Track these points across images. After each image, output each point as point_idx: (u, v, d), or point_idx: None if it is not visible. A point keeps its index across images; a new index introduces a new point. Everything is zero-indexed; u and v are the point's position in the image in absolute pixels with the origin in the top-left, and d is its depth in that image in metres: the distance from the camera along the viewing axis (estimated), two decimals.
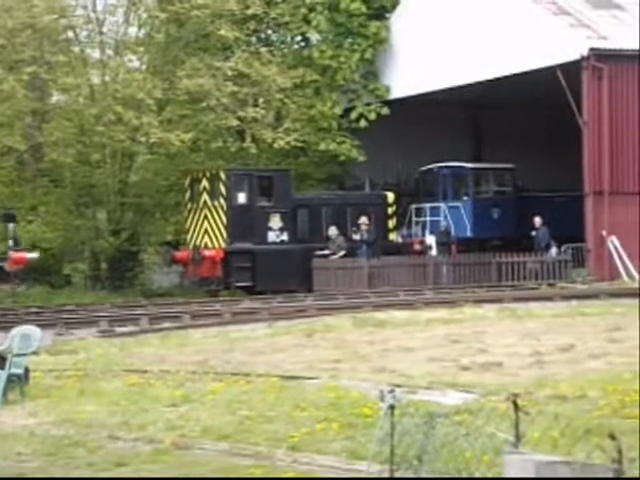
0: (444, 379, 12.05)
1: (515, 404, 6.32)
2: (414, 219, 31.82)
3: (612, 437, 5.37)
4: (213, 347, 16.15)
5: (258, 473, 8.55)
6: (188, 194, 29.14)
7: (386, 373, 12.79)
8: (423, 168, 32.35)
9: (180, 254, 28.29)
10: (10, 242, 23.47)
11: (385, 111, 33.54)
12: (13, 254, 22.95)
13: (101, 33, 30.22)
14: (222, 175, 28.43)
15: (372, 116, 33.55)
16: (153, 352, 15.79)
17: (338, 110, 33.35)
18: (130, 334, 18.96)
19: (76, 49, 30.79)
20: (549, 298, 23.24)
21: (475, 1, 31.23)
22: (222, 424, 9.93)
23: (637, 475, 6.48)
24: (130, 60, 31.06)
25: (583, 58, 27.86)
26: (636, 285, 25.49)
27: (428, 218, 31.49)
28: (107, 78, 29.82)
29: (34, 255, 24.01)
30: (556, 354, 13.88)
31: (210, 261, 27.53)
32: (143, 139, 29.32)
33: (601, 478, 5.18)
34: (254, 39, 33.45)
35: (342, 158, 33.53)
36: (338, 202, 30.50)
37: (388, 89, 34.28)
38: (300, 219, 29.22)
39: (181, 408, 10.82)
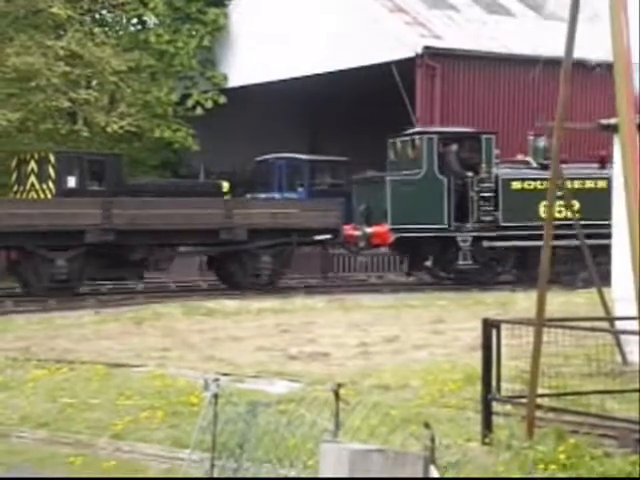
0: (272, 368, 12.11)
1: (336, 393, 6.40)
2: None
3: (426, 425, 5.51)
4: (37, 333, 15.75)
5: (78, 462, 8.39)
6: (15, 176, 28.27)
7: (214, 362, 12.75)
8: (259, 158, 32.37)
9: None
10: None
11: (222, 100, 33.41)
12: None
13: None
14: (51, 157, 27.71)
15: (209, 104, 33.36)
16: None
17: (174, 97, 32.97)
18: None
19: None
20: (378, 290, 23.65)
21: None
22: (42, 412, 9.70)
23: (452, 461, 6.68)
24: None
25: (417, 56, 28.44)
26: None
27: None
28: None
29: None
30: (381, 345, 14.15)
31: None
32: None
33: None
34: (88, 19, 32.60)
35: (176, 146, 33.20)
36: (172, 189, 30.16)
37: (226, 77, 34.15)
38: None
39: None
